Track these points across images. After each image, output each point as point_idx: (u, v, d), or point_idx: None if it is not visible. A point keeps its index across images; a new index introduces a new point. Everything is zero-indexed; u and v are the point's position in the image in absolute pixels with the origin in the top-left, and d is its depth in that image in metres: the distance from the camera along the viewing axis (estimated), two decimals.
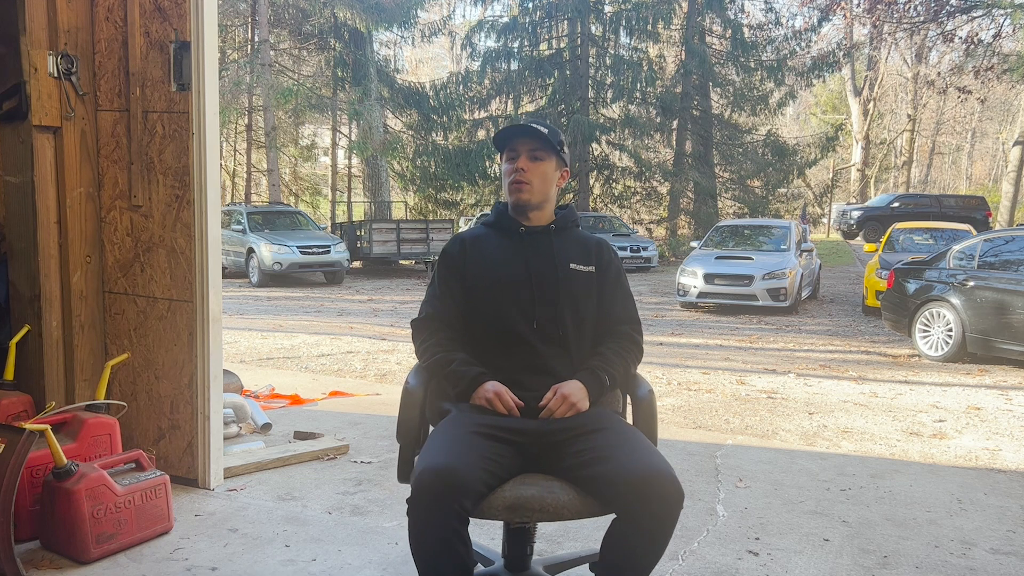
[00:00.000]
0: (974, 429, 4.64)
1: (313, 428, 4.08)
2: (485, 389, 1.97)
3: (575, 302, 2.09)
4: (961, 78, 21.42)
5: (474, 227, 2.25)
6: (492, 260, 2.13)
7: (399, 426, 2.00)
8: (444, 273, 2.16)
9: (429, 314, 2.15)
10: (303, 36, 22.69)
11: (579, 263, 2.13)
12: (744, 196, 23.91)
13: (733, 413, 4.92)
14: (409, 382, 2.05)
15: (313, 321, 9.48)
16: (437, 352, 2.07)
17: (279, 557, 2.56)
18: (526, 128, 2.09)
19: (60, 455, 2.43)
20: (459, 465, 1.73)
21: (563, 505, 1.79)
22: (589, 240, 2.21)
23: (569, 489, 1.82)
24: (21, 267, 3.03)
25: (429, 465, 1.73)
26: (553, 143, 2.09)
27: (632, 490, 1.73)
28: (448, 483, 1.69)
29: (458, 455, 1.76)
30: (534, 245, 2.13)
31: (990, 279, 6.97)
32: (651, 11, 21.88)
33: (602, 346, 2.12)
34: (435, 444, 1.84)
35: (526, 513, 1.77)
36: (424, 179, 22.30)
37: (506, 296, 2.07)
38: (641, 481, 1.73)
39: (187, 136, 2.97)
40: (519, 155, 2.10)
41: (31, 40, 2.87)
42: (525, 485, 1.82)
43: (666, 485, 1.73)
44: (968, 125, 38.22)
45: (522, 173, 2.08)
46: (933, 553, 2.73)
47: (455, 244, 2.19)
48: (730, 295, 10.60)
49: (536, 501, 1.78)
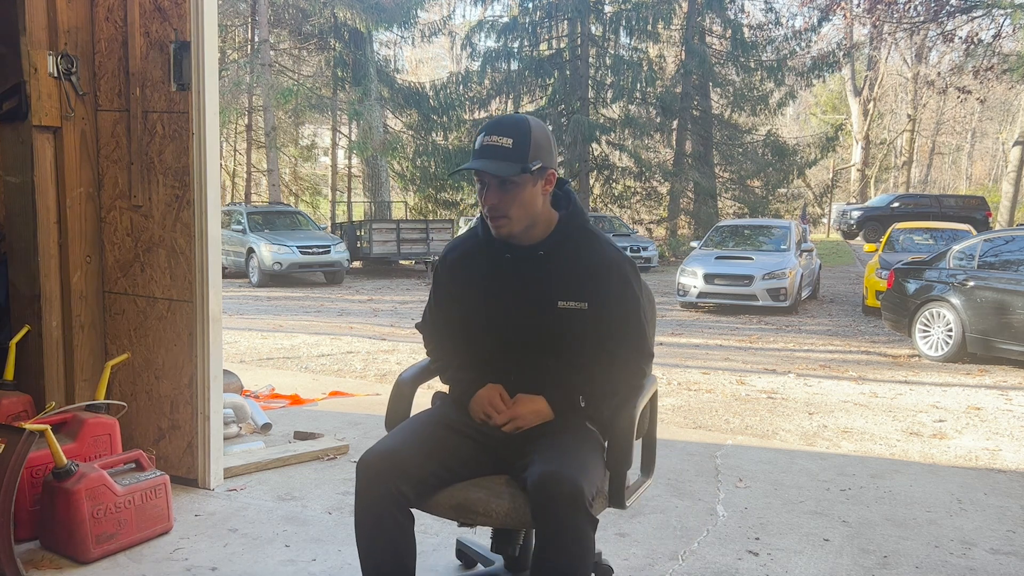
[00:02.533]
0: (974, 429, 4.64)
1: (313, 428, 4.08)
2: (479, 399, 1.94)
3: (560, 345, 1.89)
4: (961, 78, 21.42)
5: (467, 234, 2.05)
6: (473, 291, 1.96)
7: (387, 416, 2.06)
8: (435, 287, 2.09)
9: (427, 320, 2.16)
10: (303, 36, 22.69)
11: (570, 298, 1.85)
12: (744, 196, 23.91)
13: (733, 413, 4.92)
14: (402, 376, 2.09)
15: (313, 321, 9.48)
16: (439, 357, 2.11)
17: (279, 557, 2.56)
18: (496, 149, 1.79)
19: (60, 455, 2.43)
20: (402, 449, 1.75)
21: (506, 512, 1.75)
22: (596, 262, 1.88)
23: (518, 495, 1.75)
24: (21, 267, 3.03)
25: (374, 446, 1.77)
26: (520, 162, 1.78)
27: (534, 494, 1.66)
28: (388, 463, 1.71)
29: (406, 442, 1.78)
30: (522, 276, 1.90)
31: (990, 279, 6.97)
32: (651, 11, 21.89)
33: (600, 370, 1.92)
34: (395, 431, 1.88)
35: (469, 515, 1.77)
36: (424, 179, 22.30)
37: (483, 333, 1.97)
38: (537, 485, 1.65)
39: (187, 136, 2.97)
40: (487, 186, 1.82)
41: (31, 40, 2.87)
42: (476, 487, 1.82)
43: (563, 489, 1.61)
44: (968, 125, 38.22)
45: (495, 208, 1.82)
46: (933, 553, 2.73)
47: (443, 263, 2.05)
48: (730, 295, 10.60)
49: (480, 504, 1.77)
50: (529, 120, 1.86)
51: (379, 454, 1.74)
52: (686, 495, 3.26)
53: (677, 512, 3.05)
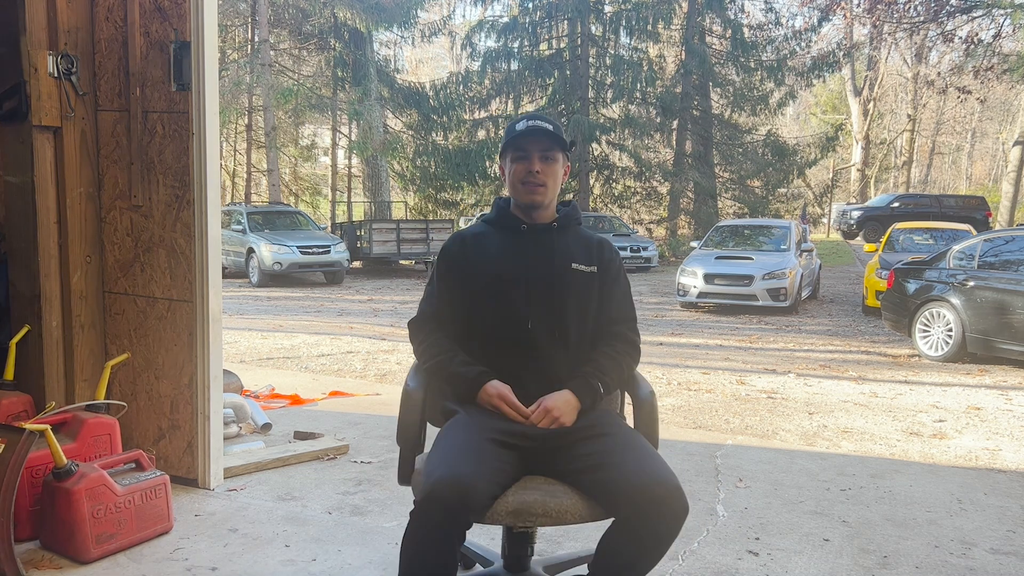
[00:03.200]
0: (974, 429, 4.64)
1: (313, 428, 4.08)
2: (488, 393, 1.96)
3: (575, 302, 2.05)
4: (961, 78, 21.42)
5: (475, 225, 2.23)
6: (492, 258, 2.09)
7: (399, 429, 2.00)
8: (443, 271, 2.13)
9: (427, 314, 2.14)
10: (303, 36, 22.70)
11: (581, 263, 2.09)
12: (744, 196, 23.90)
13: (733, 413, 4.92)
14: (409, 384, 2.04)
15: (313, 321, 9.48)
16: (437, 353, 2.05)
17: (279, 557, 2.56)
18: (541, 129, 2.04)
19: (60, 455, 2.43)
20: (474, 479, 1.70)
21: (565, 509, 1.79)
22: (591, 239, 2.17)
23: (572, 493, 1.82)
24: (21, 267, 3.03)
25: (445, 476, 1.68)
26: (563, 141, 2.06)
27: (635, 500, 1.72)
28: (462, 498, 1.66)
29: (471, 465, 1.73)
30: (536, 243, 2.09)
31: (990, 279, 6.97)
32: (651, 11, 21.89)
33: (597, 350, 2.08)
34: (447, 450, 1.80)
35: (529, 518, 1.77)
36: (424, 179, 22.30)
37: (503, 295, 2.04)
38: (645, 492, 1.72)
39: (187, 136, 2.97)
40: (530, 155, 2.04)
41: (31, 40, 2.87)
42: (528, 490, 1.82)
43: (672, 499, 1.72)
44: (968, 125, 38.22)
45: (537, 175, 2.04)
46: (933, 553, 2.73)
47: (455, 242, 2.16)
48: (730, 295, 10.59)
49: (539, 506, 1.78)
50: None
51: (451, 485, 1.67)
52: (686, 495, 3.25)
53: None
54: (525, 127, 2.05)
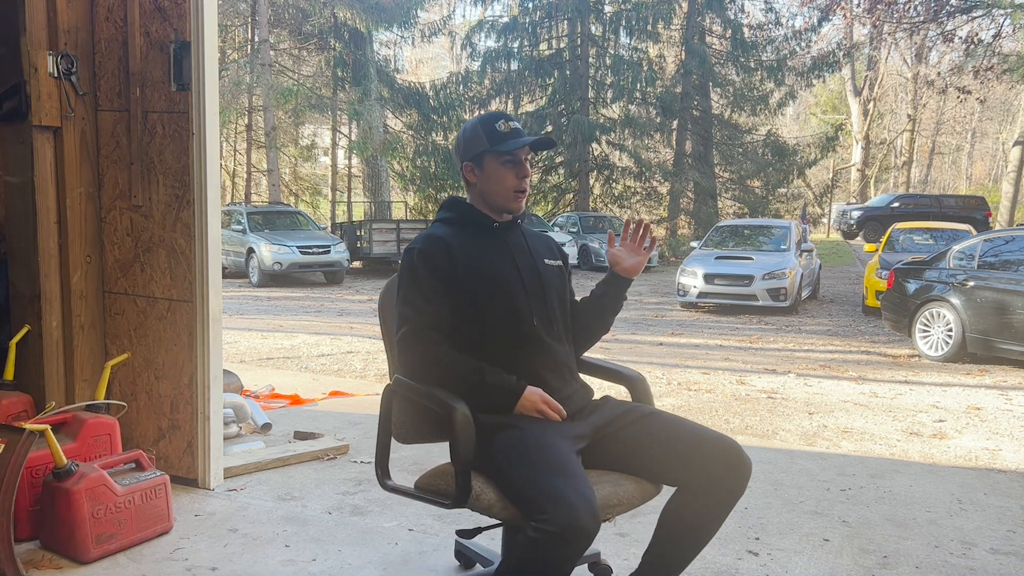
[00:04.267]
0: (974, 429, 4.64)
1: (313, 428, 4.08)
2: (530, 400, 1.89)
3: (556, 295, 2.11)
4: (961, 78, 21.42)
5: (435, 227, 2.09)
6: (480, 257, 2.01)
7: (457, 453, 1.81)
8: (427, 276, 1.94)
9: (421, 324, 1.92)
10: (303, 36, 22.70)
11: (549, 258, 2.15)
12: (744, 196, 23.91)
13: (733, 413, 4.92)
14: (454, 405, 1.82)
15: (313, 321, 9.48)
16: (464, 369, 1.90)
17: (279, 557, 2.56)
18: (545, 140, 2.09)
19: (60, 455, 2.43)
20: (589, 495, 1.66)
21: (632, 494, 1.89)
22: (542, 235, 2.26)
23: (627, 479, 1.92)
24: (21, 267, 3.03)
25: (577, 505, 1.61)
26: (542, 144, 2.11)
27: (706, 464, 1.87)
28: (592, 533, 1.62)
29: (588, 487, 1.68)
30: (511, 241, 2.11)
31: (990, 279, 6.97)
32: (651, 11, 21.90)
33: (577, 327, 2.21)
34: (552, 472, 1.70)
35: (608, 511, 1.81)
36: (424, 179, 22.30)
37: (506, 294, 2.00)
38: (716, 454, 1.88)
39: (187, 136, 2.97)
40: (520, 162, 2.05)
41: (31, 40, 2.87)
42: (597, 485, 1.81)
43: (738, 457, 1.89)
44: (968, 125, 38.21)
45: (527, 184, 2.08)
46: (933, 553, 2.73)
47: (437, 246, 1.98)
48: (730, 295, 10.60)
49: (614, 496, 1.85)
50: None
51: (591, 512, 1.61)
52: None
53: None
54: (512, 128, 2.05)
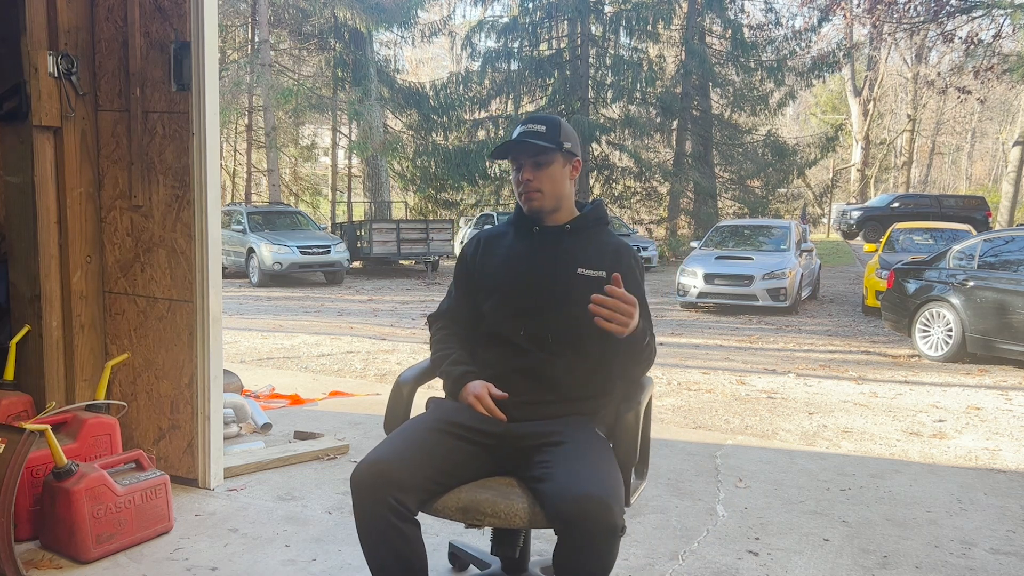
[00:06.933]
0: (974, 429, 4.64)
1: (313, 428, 4.08)
2: (467, 391, 2.00)
3: (574, 307, 1.94)
4: (961, 78, 21.41)
5: (500, 224, 2.26)
6: (499, 261, 2.12)
7: (387, 419, 2.07)
8: (458, 271, 2.22)
9: (441, 311, 2.22)
10: (303, 36, 22.70)
11: (589, 267, 2.03)
12: (744, 196, 23.89)
13: (733, 413, 4.92)
14: (402, 376, 2.11)
15: (313, 321, 9.48)
16: (437, 350, 2.15)
17: (279, 557, 2.56)
18: (521, 144, 2.03)
19: (60, 455, 2.43)
20: (392, 460, 1.76)
21: (515, 512, 1.75)
22: (610, 243, 2.10)
23: (527, 497, 1.78)
24: (21, 267, 3.03)
25: (364, 459, 1.79)
26: (553, 143, 2.01)
27: (563, 514, 1.66)
28: (378, 477, 1.73)
29: (395, 451, 1.80)
30: (545, 246, 2.08)
31: (990, 279, 6.97)
32: (651, 11, 21.87)
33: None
34: (386, 440, 1.88)
35: (477, 516, 1.77)
36: (424, 179, 22.30)
37: (501, 298, 2.07)
38: (574, 505, 1.64)
39: (187, 136, 2.97)
40: (523, 165, 2.05)
41: (31, 40, 2.87)
42: (484, 488, 1.82)
43: (597, 514, 1.63)
44: (968, 125, 38.21)
45: (530, 183, 2.04)
46: (933, 553, 2.73)
47: (472, 243, 2.22)
48: (730, 295, 10.60)
49: (488, 505, 1.77)
50: (559, 118, 2.14)
51: (368, 467, 1.76)
52: (686, 495, 3.26)
53: (677, 512, 3.06)
54: (517, 134, 2.08)
